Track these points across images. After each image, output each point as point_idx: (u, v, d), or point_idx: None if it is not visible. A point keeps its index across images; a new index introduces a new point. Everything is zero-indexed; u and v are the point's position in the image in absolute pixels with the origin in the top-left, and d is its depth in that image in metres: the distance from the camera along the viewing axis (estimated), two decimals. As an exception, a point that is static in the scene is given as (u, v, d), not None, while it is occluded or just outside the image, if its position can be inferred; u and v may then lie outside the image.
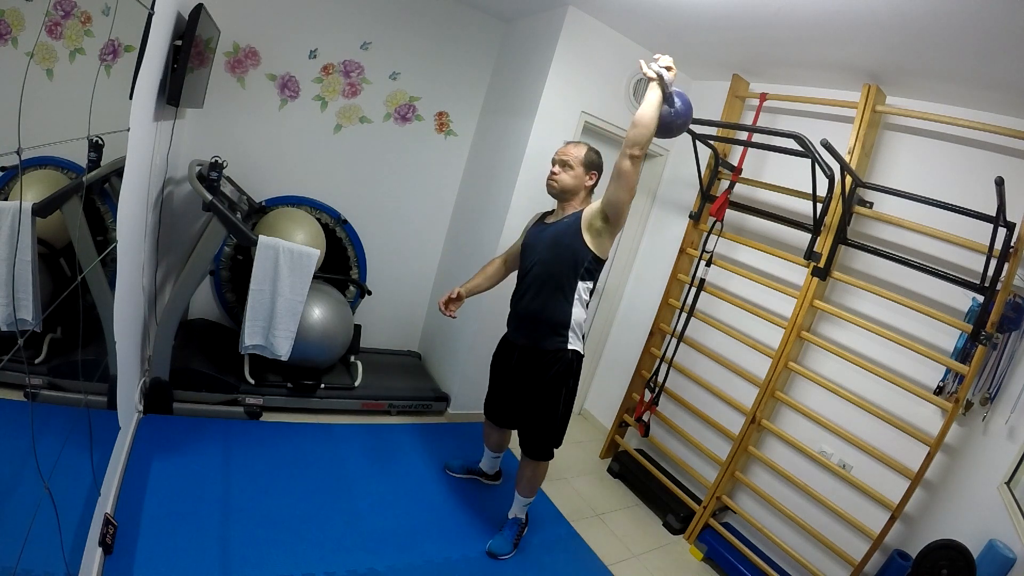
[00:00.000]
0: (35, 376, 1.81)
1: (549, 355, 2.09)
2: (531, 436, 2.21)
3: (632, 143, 1.79)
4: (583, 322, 2.10)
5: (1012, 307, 1.93)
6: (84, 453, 1.53)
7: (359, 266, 3.29)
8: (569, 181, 2.09)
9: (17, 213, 1.40)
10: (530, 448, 2.22)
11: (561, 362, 2.08)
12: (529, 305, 2.10)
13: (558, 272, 2.03)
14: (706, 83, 3.21)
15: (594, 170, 2.12)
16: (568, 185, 2.09)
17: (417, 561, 2.07)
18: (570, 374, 2.11)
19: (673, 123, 1.86)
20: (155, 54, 1.67)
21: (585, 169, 2.10)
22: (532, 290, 2.09)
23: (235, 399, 2.60)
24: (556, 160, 2.13)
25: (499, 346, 2.33)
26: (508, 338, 2.27)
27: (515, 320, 2.21)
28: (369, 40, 2.98)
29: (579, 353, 2.11)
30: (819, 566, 2.34)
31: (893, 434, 2.21)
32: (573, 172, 2.09)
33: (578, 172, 2.09)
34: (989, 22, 1.61)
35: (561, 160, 2.11)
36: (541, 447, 2.21)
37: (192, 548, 1.80)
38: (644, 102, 1.78)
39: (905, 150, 2.36)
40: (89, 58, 2.14)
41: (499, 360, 2.32)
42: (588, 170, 2.11)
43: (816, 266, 2.39)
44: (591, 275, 2.05)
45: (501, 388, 2.33)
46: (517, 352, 2.19)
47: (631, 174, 1.83)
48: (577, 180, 2.10)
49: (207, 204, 2.15)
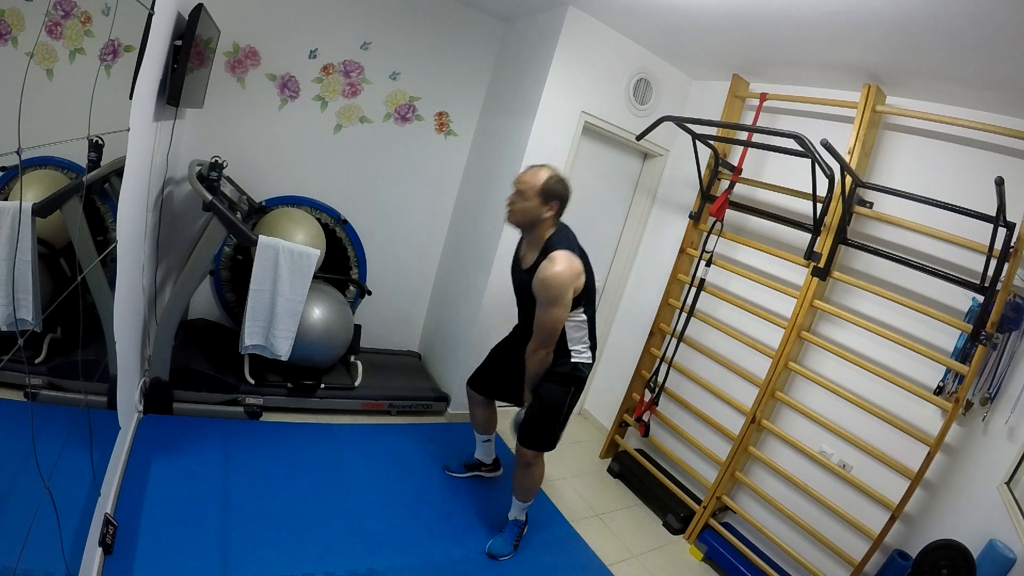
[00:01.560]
0: (35, 376, 1.81)
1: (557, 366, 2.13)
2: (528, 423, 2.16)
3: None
4: (585, 338, 2.11)
5: (1012, 307, 1.92)
6: (84, 453, 1.53)
7: (359, 266, 3.29)
8: (522, 212, 1.96)
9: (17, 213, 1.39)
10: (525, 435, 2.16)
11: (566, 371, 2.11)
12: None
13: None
14: (706, 83, 3.21)
15: (554, 200, 1.94)
16: (520, 217, 1.98)
17: (417, 561, 2.07)
18: (571, 380, 2.13)
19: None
20: (155, 54, 1.67)
21: (542, 199, 1.93)
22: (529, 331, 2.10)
23: (235, 399, 2.59)
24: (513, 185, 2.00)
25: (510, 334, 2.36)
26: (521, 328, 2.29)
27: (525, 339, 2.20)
28: (369, 40, 2.98)
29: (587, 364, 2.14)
30: (819, 566, 2.34)
31: (893, 434, 2.21)
32: (527, 204, 1.94)
33: (532, 204, 1.93)
34: (989, 22, 1.61)
35: (517, 188, 1.98)
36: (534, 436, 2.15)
37: (192, 548, 1.80)
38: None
39: (905, 150, 2.36)
40: (89, 58, 2.13)
41: (506, 343, 2.34)
42: (546, 200, 1.93)
43: (816, 266, 2.39)
44: (576, 306, 2.03)
45: (497, 362, 2.35)
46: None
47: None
48: (531, 212, 1.95)
49: (207, 204, 2.15)
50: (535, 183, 1.93)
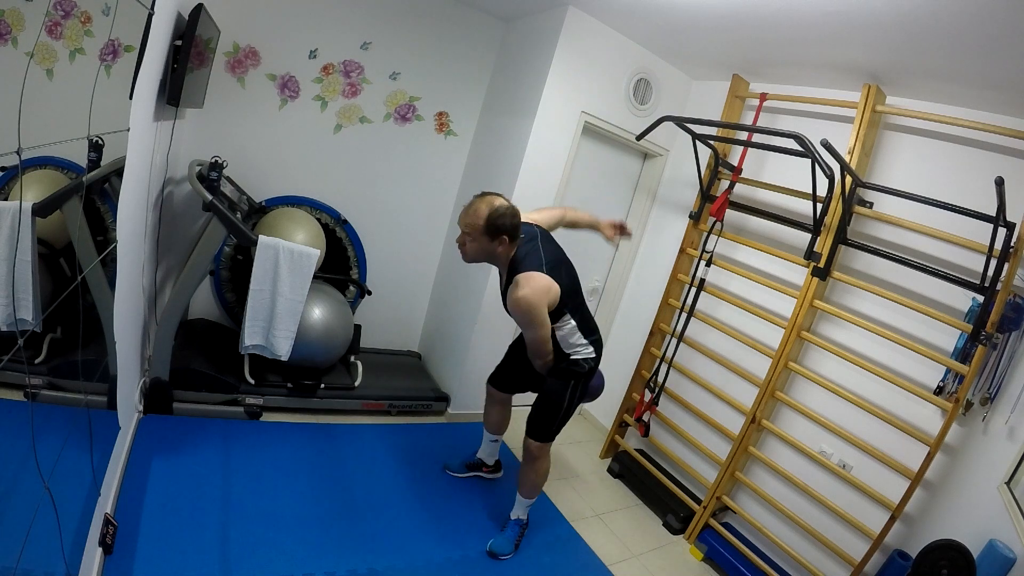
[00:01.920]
0: (35, 376, 1.80)
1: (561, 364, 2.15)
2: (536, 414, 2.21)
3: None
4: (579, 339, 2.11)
5: (1012, 307, 1.92)
6: (84, 453, 1.53)
7: (359, 266, 3.29)
8: (473, 253, 1.97)
9: (17, 213, 1.39)
10: (533, 426, 2.21)
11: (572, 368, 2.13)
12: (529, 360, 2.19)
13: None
14: (706, 83, 3.21)
15: (502, 234, 1.90)
16: (476, 257, 1.98)
17: (417, 561, 2.07)
18: (571, 375, 2.14)
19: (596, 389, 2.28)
20: (155, 54, 1.67)
21: (489, 236, 1.90)
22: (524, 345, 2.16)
23: (235, 399, 2.59)
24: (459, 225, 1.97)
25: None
26: None
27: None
28: (369, 40, 2.98)
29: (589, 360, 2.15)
30: (819, 566, 2.34)
31: (893, 434, 2.21)
32: (475, 244, 1.93)
33: (482, 243, 1.92)
34: (990, 22, 1.61)
35: (462, 230, 1.95)
36: (541, 427, 2.19)
37: (192, 548, 1.80)
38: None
39: (905, 150, 2.36)
40: (89, 58, 2.13)
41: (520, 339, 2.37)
42: (493, 236, 1.90)
43: (816, 266, 2.39)
44: (559, 317, 2.04)
45: (516, 358, 2.39)
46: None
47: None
48: (483, 250, 1.95)
49: (207, 204, 2.15)
50: (477, 223, 1.90)
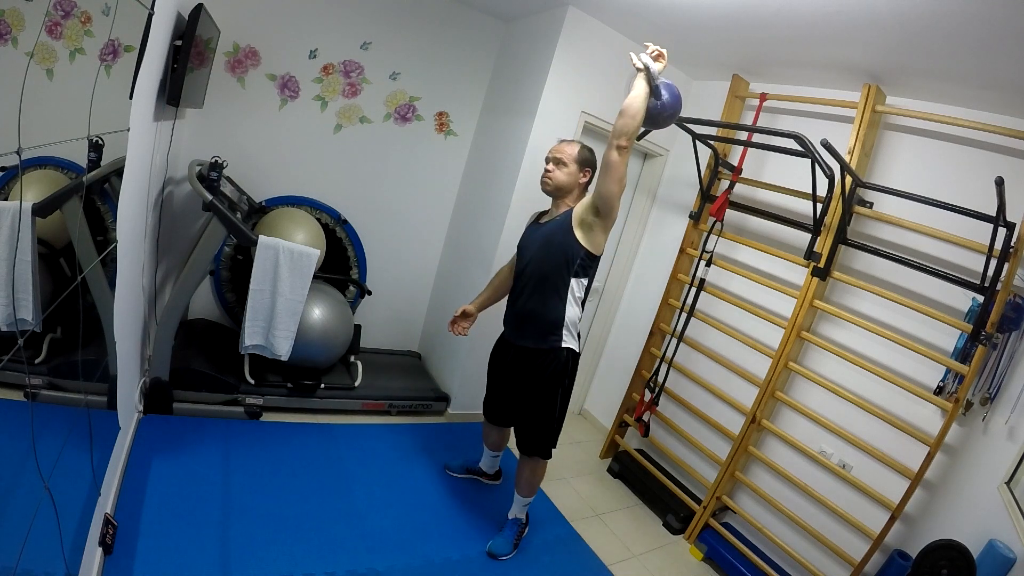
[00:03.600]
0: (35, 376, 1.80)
1: (543, 354, 2.09)
2: (528, 434, 2.21)
3: (619, 133, 1.80)
4: (577, 320, 2.10)
5: (1012, 307, 1.92)
6: (84, 453, 1.53)
7: (359, 266, 3.29)
8: (563, 179, 2.09)
9: (17, 213, 1.39)
10: (527, 446, 2.22)
11: (556, 361, 2.08)
12: (524, 305, 2.11)
13: (550, 271, 2.04)
14: (706, 83, 3.21)
15: (588, 167, 2.12)
16: (562, 183, 2.09)
17: (417, 561, 2.07)
18: (565, 373, 2.11)
19: (660, 115, 1.87)
20: (155, 54, 1.67)
21: (579, 166, 2.09)
22: (527, 290, 2.10)
23: (235, 399, 2.59)
24: (550, 158, 2.12)
25: (496, 345, 2.34)
26: (504, 337, 2.28)
27: (510, 320, 2.22)
28: (369, 40, 2.98)
29: (574, 351, 2.11)
30: (819, 566, 2.34)
31: (893, 434, 2.21)
32: (567, 169, 2.09)
33: (572, 169, 2.09)
34: (989, 22, 1.61)
35: (555, 158, 2.10)
36: (538, 445, 2.21)
37: (192, 548, 1.80)
38: (631, 92, 1.80)
39: (905, 150, 2.36)
40: (89, 58, 2.13)
41: (496, 359, 2.33)
42: (582, 167, 2.10)
43: (816, 266, 2.39)
44: (585, 272, 2.04)
45: (498, 387, 2.34)
46: (512, 351, 2.20)
47: (619, 165, 1.83)
48: (571, 177, 2.09)
49: (207, 204, 2.15)
50: (572, 152, 2.09)
